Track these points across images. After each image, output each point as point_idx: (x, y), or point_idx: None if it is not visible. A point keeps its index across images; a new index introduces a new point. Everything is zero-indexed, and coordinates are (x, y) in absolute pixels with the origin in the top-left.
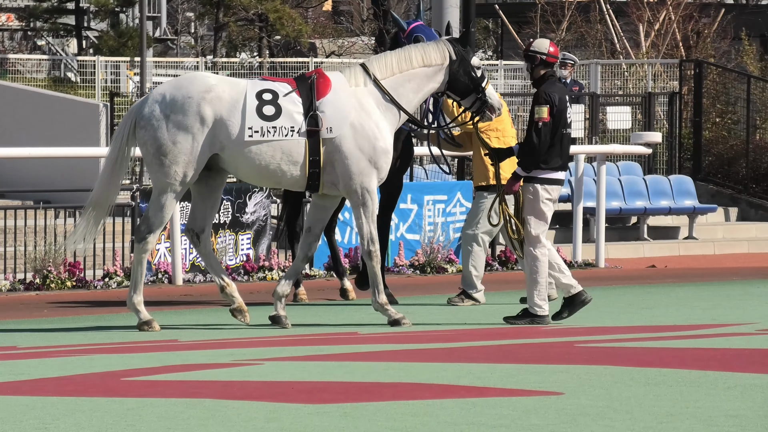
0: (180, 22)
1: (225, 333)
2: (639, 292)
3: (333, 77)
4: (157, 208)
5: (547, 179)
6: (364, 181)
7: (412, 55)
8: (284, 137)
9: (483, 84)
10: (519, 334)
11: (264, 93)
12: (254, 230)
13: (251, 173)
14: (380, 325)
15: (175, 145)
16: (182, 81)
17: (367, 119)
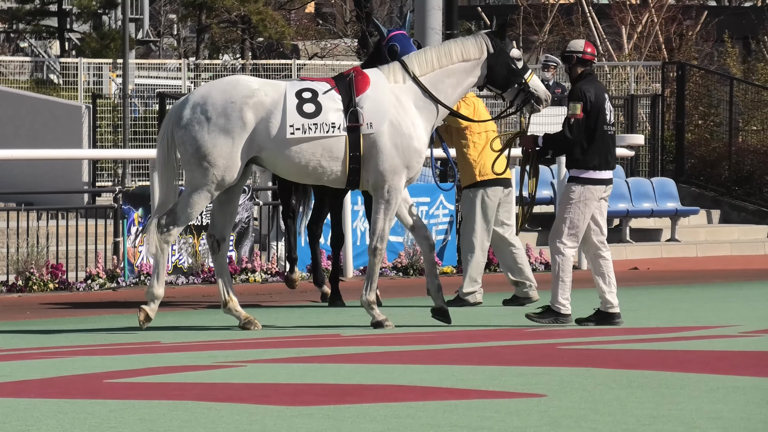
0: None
1: (207, 335)
2: (621, 294)
3: (372, 74)
4: (186, 205)
5: (589, 179)
6: (394, 179)
7: (452, 50)
8: (325, 134)
9: (525, 75)
10: (502, 336)
11: (304, 92)
12: (237, 232)
13: (292, 171)
14: (363, 327)
15: (215, 149)
16: (225, 85)
17: (404, 117)
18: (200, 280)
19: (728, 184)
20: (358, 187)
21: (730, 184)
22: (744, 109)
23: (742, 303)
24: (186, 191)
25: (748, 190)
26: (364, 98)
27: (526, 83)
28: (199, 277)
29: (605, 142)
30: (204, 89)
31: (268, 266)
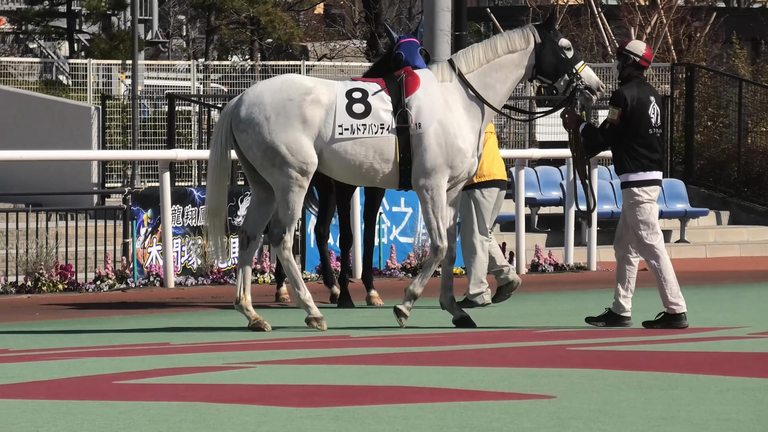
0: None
1: (216, 336)
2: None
3: (422, 74)
4: (285, 208)
5: (640, 181)
6: (436, 177)
7: (497, 44)
8: (373, 134)
9: (577, 66)
10: (511, 337)
11: (354, 92)
12: None
13: (346, 173)
14: (372, 328)
15: (281, 146)
16: (280, 84)
17: (450, 116)
18: (209, 281)
19: (737, 185)
20: (410, 188)
21: (740, 186)
22: (753, 110)
23: (752, 304)
24: (278, 196)
25: (757, 192)
26: (413, 99)
27: (577, 73)
28: (208, 278)
29: (651, 144)
30: (258, 88)
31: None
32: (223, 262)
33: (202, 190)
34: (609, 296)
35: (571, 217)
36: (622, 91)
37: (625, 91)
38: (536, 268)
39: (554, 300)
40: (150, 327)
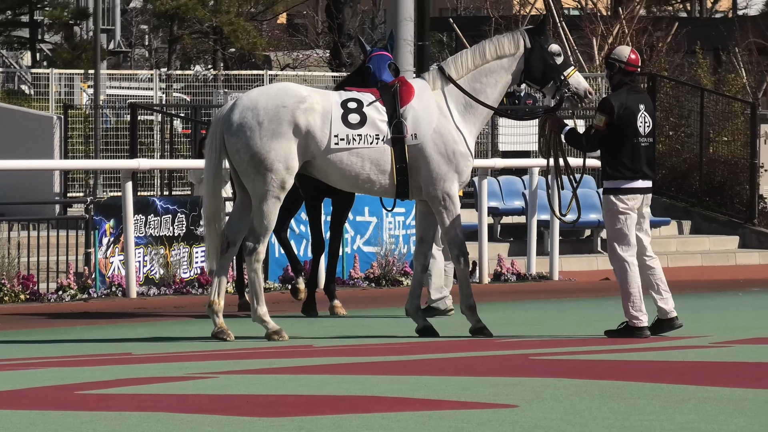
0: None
1: (179, 346)
2: (593, 304)
3: (416, 84)
4: (260, 217)
5: (621, 189)
6: (446, 186)
7: (486, 49)
8: (369, 145)
9: (565, 72)
10: (474, 346)
11: (349, 102)
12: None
13: (342, 182)
14: (336, 338)
15: (270, 153)
16: (275, 90)
17: (446, 123)
18: (172, 291)
19: (699, 194)
20: (408, 198)
21: (701, 195)
22: (715, 120)
23: (714, 314)
24: (254, 204)
25: (719, 201)
26: (408, 109)
27: (565, 79)
28: (170, 288)
29: (637, 153)
30: (253, 94)
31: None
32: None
33: (164, 199)
34: (571, 305)
35: (534, 227)
36: (610, 99)
37: (612, 99)
38: (499, 277)
39: (517, 309)
40: (112, 337)
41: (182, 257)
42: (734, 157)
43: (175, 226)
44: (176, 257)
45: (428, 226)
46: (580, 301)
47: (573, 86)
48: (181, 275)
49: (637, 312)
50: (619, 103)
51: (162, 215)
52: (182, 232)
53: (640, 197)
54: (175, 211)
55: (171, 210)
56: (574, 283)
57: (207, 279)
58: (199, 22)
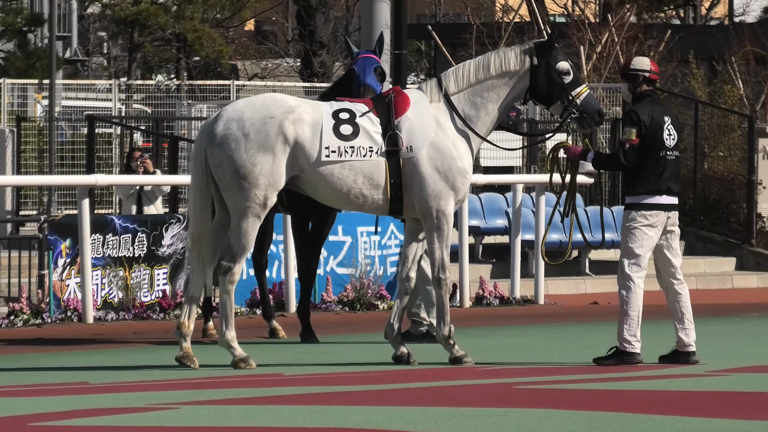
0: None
1: (139, 374)
2: (581, 330)
3: (411, 94)
4: (239, 235)
5: (643, 204)
6: (441, 204)
7: (490, 63)
8: (362, 158)
9: (575, 90)
10: (454, 375)
11: (341, 112)
12: (171, 264)
13: (332, 197)
14: (307, 365)
15: (255, 167)
16: (262, 101)
17: (444, 137)
18: (131, 316)
19: (693, 213)
20: (401, 215)
21: (695, 214)
22: (710, 134)
23: (709, 340)
24: (233, 221)
25: (714, 220)
26: (403, 120)
27: (573, 99)
28: (130, 312)
29: (661, 167)
30: (239, 104)
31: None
32: (200, 295)
33: (124, 218)
34: (557, 330)
35: (518, 247)
36: (635, 109)
37: (638, 109)
38: (481, 301)
39: (500, 335)
40: (68, 365)
41: (143, 280)
42: (730, 173)
43: (135, 246)
44: (136, 280)
45: (416, 246)
46: (567, 327)
47: (582, 106)
48: (142, 299)
49: (631, 336)
50: (646, 115)
51: (121, 235)
52: (143, 253)
53: (663, 214)
54: (135, 231)
55: (131, 229)
56: (560, 307)
57: (169, 303)
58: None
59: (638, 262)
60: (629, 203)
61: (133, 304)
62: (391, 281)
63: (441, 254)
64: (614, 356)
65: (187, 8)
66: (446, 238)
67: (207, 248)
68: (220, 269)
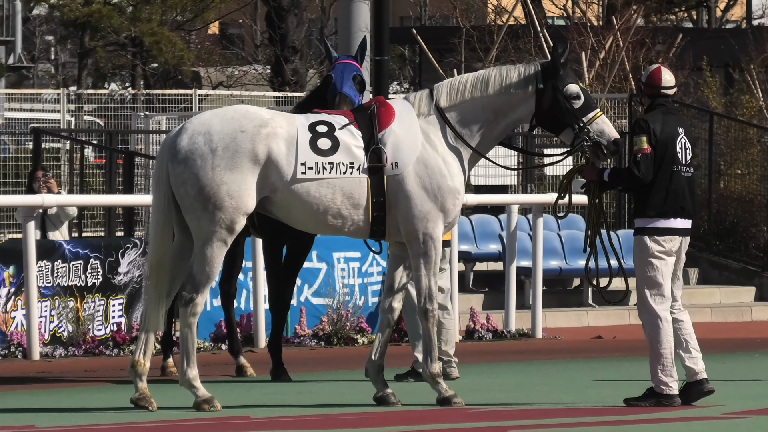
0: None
1: (90, 417)
2: (583, 367)
3: (396, 105)
4: (202, 263)
5: (656, 229)
6: (428, 227)
7: (490, 80)
8: (342, 175)
9: (587, 116)
10: (442, 417)
11: (318, 125)
12: (127, 294)
13: (307, 219)
14: (278, 407)
15: (222, 187)
16: (232, 113)
17: (433, 153)
18: (82, 352)
19: (708, 237)
20: (383, 238)
21: (711, 238)
22: (726, 149)
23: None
24: (196, 247)
25: (731, 245)
26: (388, 133)
27: (584, 126)
28: (81, 348)
29: (675, 184)
30: (205, 116)
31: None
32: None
33: (74, 242)
34: (557, 368)
35: (513, 276)
36: (644, 117)
37: (648, 117)
38: (472, 334)
39: (493, 373)
40: (11, 407)
41: (96, 311)
42: (749, 193)
43: (87, 274)
44: (89, 311)
45: (401, 273)
46: (567, 364)
47: (595, 134)
48: (94, 333)
49: (667, 377)
50: (657, 125)
51: (71, 261)
52: (97, 282)
53: (678, 239)
54: (87, 257)
55: (82, 255)
56: (560, 341)
57: (124, 337)
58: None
59: (661, 291)
60: (640, 227)
61: (85, 338)
62: (373, 312)
63: (428, 283)
64: (650, 398)
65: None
66: (434, 264)
67: (166, 277)
68: (181, 300)
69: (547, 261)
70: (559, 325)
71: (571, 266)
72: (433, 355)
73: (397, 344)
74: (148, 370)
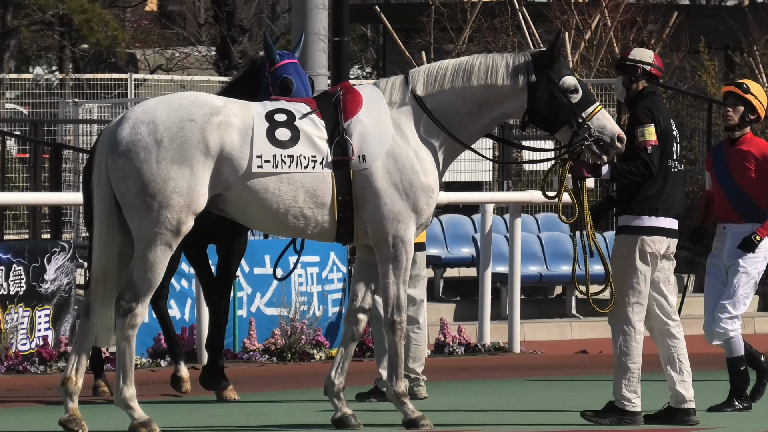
0: None
1: None
2: (566, 385)
3: (365, 92)
4: (144, 268)
5: (647, 228)
6: (399, 229)
7: (474, 69)
8: (303, 169)
9: (585, 111)
10: None
11: (276, 113)
12: (54, 304)
13: (265, 220)
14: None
15: (167, 183)
16: (180, 99)
17: (405, 146)
18: (4, 369)
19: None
20: (351, 241)
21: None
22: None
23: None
24: (138, 250)
25: None
26: (354, 123)
27: (584, 122)
28: (2, 364)
29: (669, 181)
30: (149, 104)
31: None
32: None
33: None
34: (537, 386)
35: (487, 283)
36: (647, 105)
37: (649, 106)
38: (442, 348)
39: (466, 391)
40: None
41: (20, 324)
42: None
43: (9, 282)
44: (11, 324)
45: (368, 280)
46: (548, 382)
47: (596, 130)
48: (18, 347)
49: (631, 393)
50: (660, 114)
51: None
52: (20, 290)
53: (666, 241)
54: (10, 262)
55: (3, 260)
56: (540, 356)
57: (50, 353)
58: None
59: (641, 300)
60: (624, 225)
61: (6, 354)
62: (333, 323)
63: (397, 291)
64: (610, 413)
65: None
66: (404, 270)
67: (113, 286)
68: (119, 309)
69: (526, 266)
70: (539, 338)
71: (553, 272)
72: (399, 372)
73: (358, 360)
74: (80, 388)
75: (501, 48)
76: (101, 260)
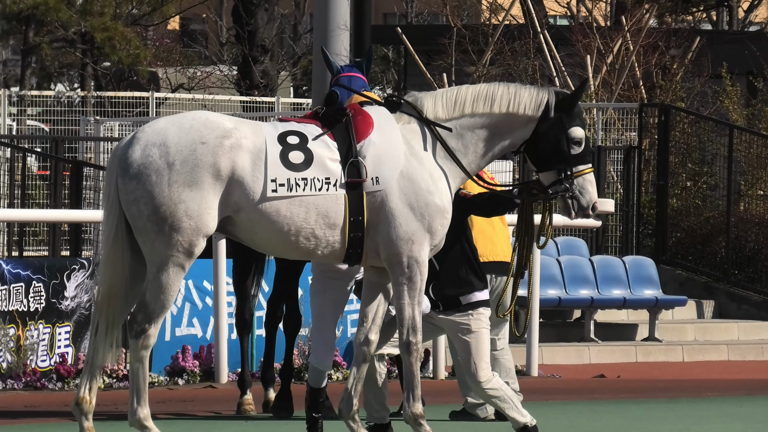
0: None
1: None
2: (583, 410)
3: (375, 113)
4: (157, 290)
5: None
6: (413, 249)
7: (497, 97)
8: (317, 191)
9: (578, 167)
10: None
11: (289, 135)
12: (74, 321)
13: (275, 242)
14: None
15: (179, 206)
16: (191, 121)
17: (419, 167)
18: (22, 386)
19: (725, 266)
20: (359, 262)
21: (728, 267)
22: (747, 167)
23: (743, 424)
24: (150, 272)
25: (751, 275)
26: (367, 145)
27: (570, 176)
28: (20, 381)
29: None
30: (160, 125)
31: (116, 367)
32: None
33: (14, 262)
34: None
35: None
36: None
37: None
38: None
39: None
40: None
41: (40, 340)
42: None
43: (30, 298)
44: (31, 340)
45: (377, 302)
46: (566, 405)
47: (577, 189)
48: (37, 364)
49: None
50: None
51: (11, 284)
52: (40, 307)
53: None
54: (30, 279)
55: (24, 277)
56: (558, 380)
57: (69, 370)
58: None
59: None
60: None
61: (25, 370)
62: (351, 344)
63: (412, 312)
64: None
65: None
66: (419, 292)
67: (118, 306)
68: (132, 331)
69: (545, 290)
70: (558, 362)
71: (572, 296)
72: (416, 394)
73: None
74: (93, 407)
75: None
76: (107, 280)
